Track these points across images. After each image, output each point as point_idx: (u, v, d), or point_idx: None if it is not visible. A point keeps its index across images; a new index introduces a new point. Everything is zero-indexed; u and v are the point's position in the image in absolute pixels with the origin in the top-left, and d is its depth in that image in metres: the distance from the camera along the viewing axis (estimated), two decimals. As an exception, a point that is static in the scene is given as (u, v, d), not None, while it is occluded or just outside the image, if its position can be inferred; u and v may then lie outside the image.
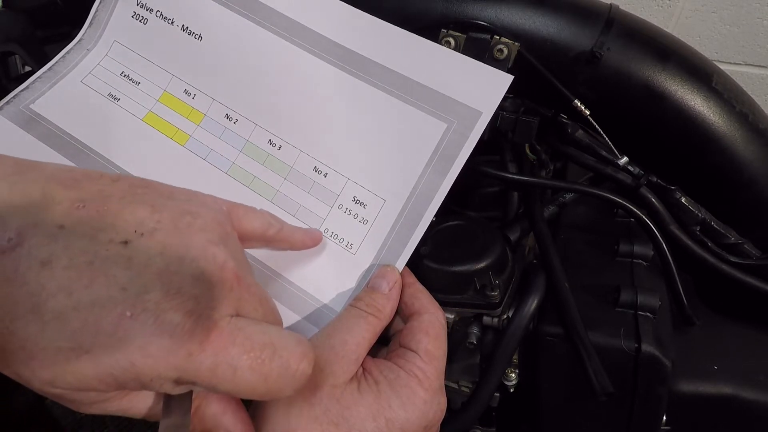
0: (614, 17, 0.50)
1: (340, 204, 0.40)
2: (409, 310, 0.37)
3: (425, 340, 0.35)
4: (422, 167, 0.40)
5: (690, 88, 0.49)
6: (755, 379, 0.49)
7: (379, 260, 0.38)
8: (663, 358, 0.44)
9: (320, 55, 0.43)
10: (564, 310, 0.46)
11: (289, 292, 0.38)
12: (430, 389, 0.33)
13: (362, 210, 0.40)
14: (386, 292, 0.36)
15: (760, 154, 0.50)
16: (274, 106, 0.43)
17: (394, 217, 0.39)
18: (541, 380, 0.49)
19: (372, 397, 0.31)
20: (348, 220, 0.40)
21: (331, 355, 0.32)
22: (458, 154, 0.39)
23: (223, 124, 0.43)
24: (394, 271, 0.37)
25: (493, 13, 0.50)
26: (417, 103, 0.41)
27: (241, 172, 0.42)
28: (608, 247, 0.54)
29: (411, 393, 0.32)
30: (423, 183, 0.39)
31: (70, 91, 0.46)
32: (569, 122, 0.54)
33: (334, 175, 0.41)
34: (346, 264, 0.39)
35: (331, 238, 0.40)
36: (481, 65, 0.41)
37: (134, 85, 0.46)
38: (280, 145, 0.42)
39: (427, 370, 0.33)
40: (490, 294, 0.46)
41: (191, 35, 0.45)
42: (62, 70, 0.47)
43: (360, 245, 0.39)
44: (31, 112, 0.45)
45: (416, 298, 0.37)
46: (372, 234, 0.39)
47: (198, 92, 0.45)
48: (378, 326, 0.35)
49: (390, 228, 0.39)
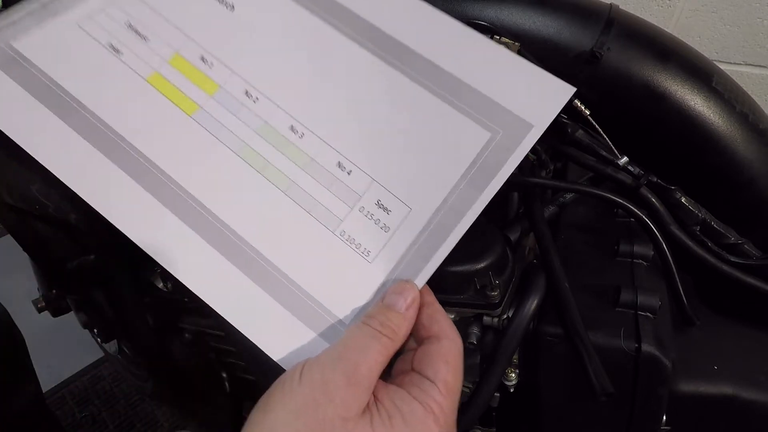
0: (614, 17, 0.50)
1: (361, 206, 0.37)
2: (426, 332, 0.34)
3: (444, 370, 0.31)
4: (457, 178, 0.36)
5: (690, 88, 0.49)
6: (755, 379, 0.49)
7: (396, 274, 0.35)
8: (663, 358, 0.44)
9: (356, 38, 0.39)
10: (564, 310, 0.46)
11: (296, 298, 0.35)
12: (446, 426, 0.30)
13: (385, 216, 0.36)
14: (403, 310, 0.33)
15: (760, 154, 0.50)
16: (302, 90, 0.39)
17: (419, 229, 0.36)
18: (542, 380, 0.49)
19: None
20: (368, 225, 0.36)
21: (342, 381, 0.29)
22: (500, 169, 0.35)
23: (240, 100, 0.39)
24: (413, 287, 0.34)
25: (493, 13, 0.50)
26: (461, 107, 0.37)
27: (254, 156, 0.38)
28: (608, 247, 0.54)
29: (426, 429, 0.29)
30: (456, 196, 0.36)
31: (63, 33, 0.40)
32: (569, 122, 0.54)
33: (359, 174, 0.37)
34: (361, 273, 0.35)
35: (347, 242, 0.36)
36: (541, 72, 0.37)
37: (141, 39, 0.40)
38: (303, 133, 0.38)
39: (444, 404, 0.30)
40: (490, 294, 0.46)
41: (222, 3, 0.41)
42: (57, 9, 0.41)
43: (378, 254, 0.36)
44: (14, 51, 0.39)
45: (435, 320, 0.34)
46: (393, 244, 0.36)
47: (217, 61, 0.40)
48: (392, 349, 0.32)
49: (413, 240, 0.35)
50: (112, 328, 0.71)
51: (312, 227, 0.36)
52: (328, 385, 0.29)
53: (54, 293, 0.68)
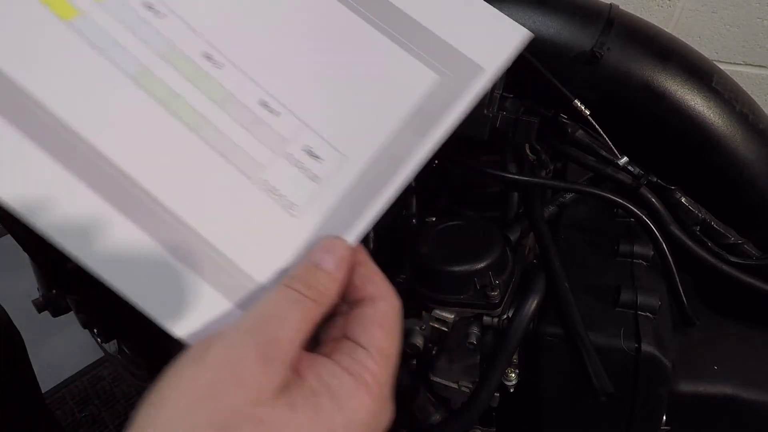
0: (614, 17, 0.50)
1: (288, 152, 0.31)
2: (359, 293, 0.29)
3: (379, 335, 0.27)
4: (399, 123, 0.32)
5: (690, 88, 0.49)
6: (755, 379, 0.49)
7: (326, 230, 0.31)
8: (663, 358, 0.44)
9: None
10: (564, 310, 0.46)
11: (205, 257, 0.29)
12: (380, 398, 0.26)
13: (315, 164, 0.31)
14: (331, 269, 0.28)
15: (760, 154, 0.50)
16: (222, 9, 0.33)
17: (353, 179, 0.31)
18: (541, 380, 0.49)
19: (308, 415, 0.24)
20: (295, 174, 0.31)
21: (255, 358, 0.24)
22: (446, 114, 0.32)
23: (140, 13, 0.32)
24: (343, 244, 0.30)
25: (493, 13, 0.50)
26: (406, 44, 0.33)
27: (155, 83, 0.31)
28: (608, 247, 0.54)
29: (358, 406, 0.25)
30: (396, 142, 0.32)
31: None
32: (569, 122, 0.54)
33: (287, 116, 0.32)
34: (285, 229, 0.30)
35: (269, 194, 0.31)
36: (495, 13, 0.34)
37: None
38: (221, 62, 0.32)
39: (379, 374, 0.26)
40: (490, 294, 0.46)
41: None
42: None
43: (305, 208, 0.31)
44: None
45: (370, 280, 0.29)
46: (322, 195, 0.31)
47: None
48: (318, 314, 0.27)
49: (346, 191, 0.31)
50: (112, 328, 0.71)
51: (227, 174, 0.30)
52: (238, 365, 0.24)
53: (54, 293, 0.68)
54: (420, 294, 0.50)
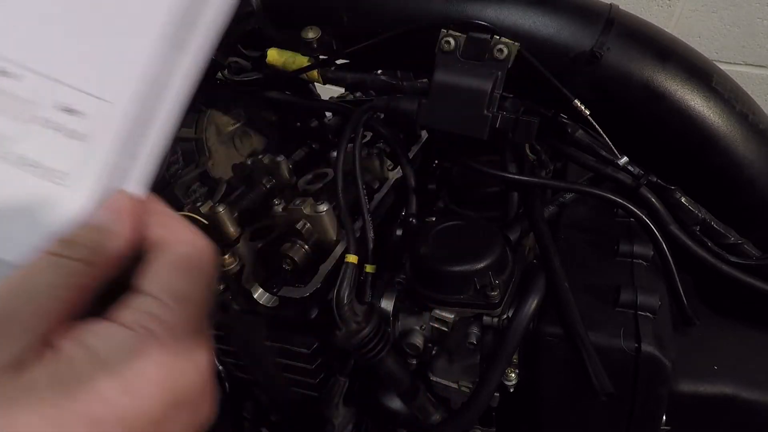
0: (614, 17, 0.50)
1: (40, 116, 0.28)
2: (152, 243, 0.26)
3: (172, 278, 0.24)
4: (154, 43, 0.28)
5: (690, 88, 0.49)
6: (755, 379, 0.49)
7: (111, 188, 0.27)
8: (663, 358, 0.44)
9: None
10: (564, 310, 0.46)
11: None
12: (178, 350, 0.23)
13: (76, 121, 0.28)
14: (103, 224, 0.25)
15: (760, 154, 0.50)
16: None
17: (121, 122, 0.28)
18: (541, 380, 0.49)
19: (52, 393, 0.20)
20: (55, 138, 0.27)
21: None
22: (202, 18, 0.29)
23: None
24: (120, 194, 0.26)
25: (493, 13, 0.50)
26: None
27: None
28: (608, 247, 0.54)
29: (144, 363, 0.22)
30: (158, 65, 0.28)
31: None
32: (569, 122, 0.54)
33: (30, 77, 0.28)
34: (60, 203, 0.27)
35: (29, 170, 0.27)
36: None
37: None
38: None
39: (172, 321, 0.23)
40: (490, 294, 0.46)
41: None
42: None
43: (77, 173, 0.27)
44: None
45: (165, 226, 0.26)
46: (93, 153, 0.27)
47: None
48: (90, 275, 0.24)
49: (119, 137, 0.28)
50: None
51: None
52: None
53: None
54: (420, 294, 0.50)
